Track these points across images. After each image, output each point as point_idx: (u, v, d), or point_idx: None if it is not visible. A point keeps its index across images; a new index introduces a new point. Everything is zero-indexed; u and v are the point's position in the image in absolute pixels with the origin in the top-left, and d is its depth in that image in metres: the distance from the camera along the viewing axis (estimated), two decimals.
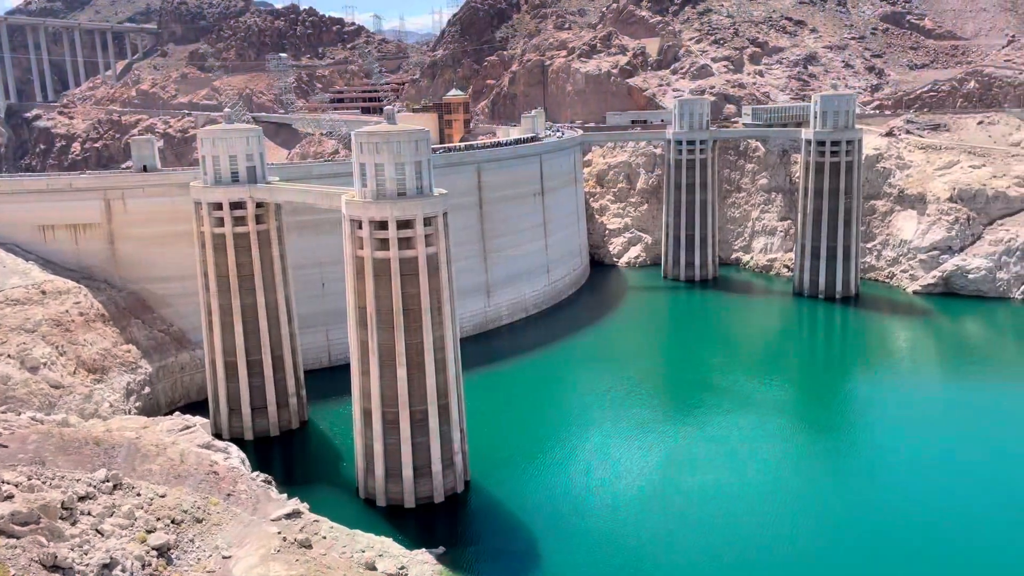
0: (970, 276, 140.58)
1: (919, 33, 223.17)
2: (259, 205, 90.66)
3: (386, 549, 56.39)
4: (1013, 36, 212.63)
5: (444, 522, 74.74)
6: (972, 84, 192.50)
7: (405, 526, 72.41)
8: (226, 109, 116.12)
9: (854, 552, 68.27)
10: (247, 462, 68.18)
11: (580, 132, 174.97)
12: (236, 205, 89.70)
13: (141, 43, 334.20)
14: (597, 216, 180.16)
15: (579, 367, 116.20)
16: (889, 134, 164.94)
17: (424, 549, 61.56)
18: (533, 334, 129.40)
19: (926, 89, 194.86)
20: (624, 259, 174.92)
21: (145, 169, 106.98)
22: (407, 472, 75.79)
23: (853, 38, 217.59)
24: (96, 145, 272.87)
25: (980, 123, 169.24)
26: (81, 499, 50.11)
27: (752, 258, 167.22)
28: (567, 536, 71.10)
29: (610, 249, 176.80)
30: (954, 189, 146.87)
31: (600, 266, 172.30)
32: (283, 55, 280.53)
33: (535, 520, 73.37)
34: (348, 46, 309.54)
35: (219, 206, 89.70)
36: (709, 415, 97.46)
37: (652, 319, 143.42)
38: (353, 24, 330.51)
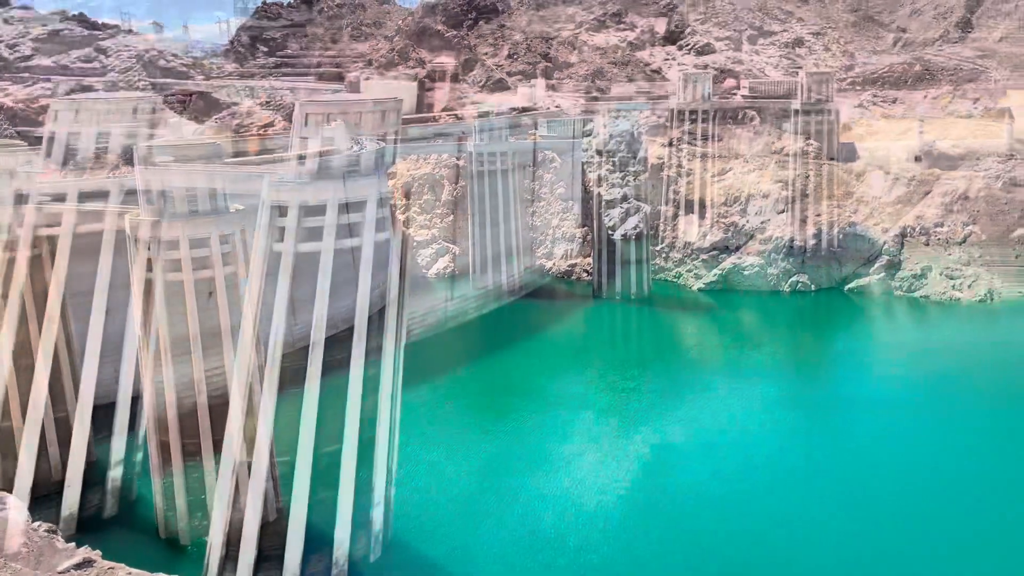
0: (745, 273, 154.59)
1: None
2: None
3: None
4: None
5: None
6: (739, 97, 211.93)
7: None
8: None
9: (663, 542, 73.03)
10: (25, 512, 61.72)
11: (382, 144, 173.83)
12: None
13: None
14: (404, 228, 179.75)
15: None
16: (670, 144, 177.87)
17: None
18: (342, 351, 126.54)
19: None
20: (433, 270, 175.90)
21: None
22: None
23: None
24: None
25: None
26: None
27: (555, 264, 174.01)
28: None
29: (419, 261, 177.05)
30: (728, 194, 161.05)
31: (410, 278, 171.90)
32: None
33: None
34: None
35: None
36: (517, 418, 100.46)
37: (462, 329, 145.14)
38: (130, 31, 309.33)
